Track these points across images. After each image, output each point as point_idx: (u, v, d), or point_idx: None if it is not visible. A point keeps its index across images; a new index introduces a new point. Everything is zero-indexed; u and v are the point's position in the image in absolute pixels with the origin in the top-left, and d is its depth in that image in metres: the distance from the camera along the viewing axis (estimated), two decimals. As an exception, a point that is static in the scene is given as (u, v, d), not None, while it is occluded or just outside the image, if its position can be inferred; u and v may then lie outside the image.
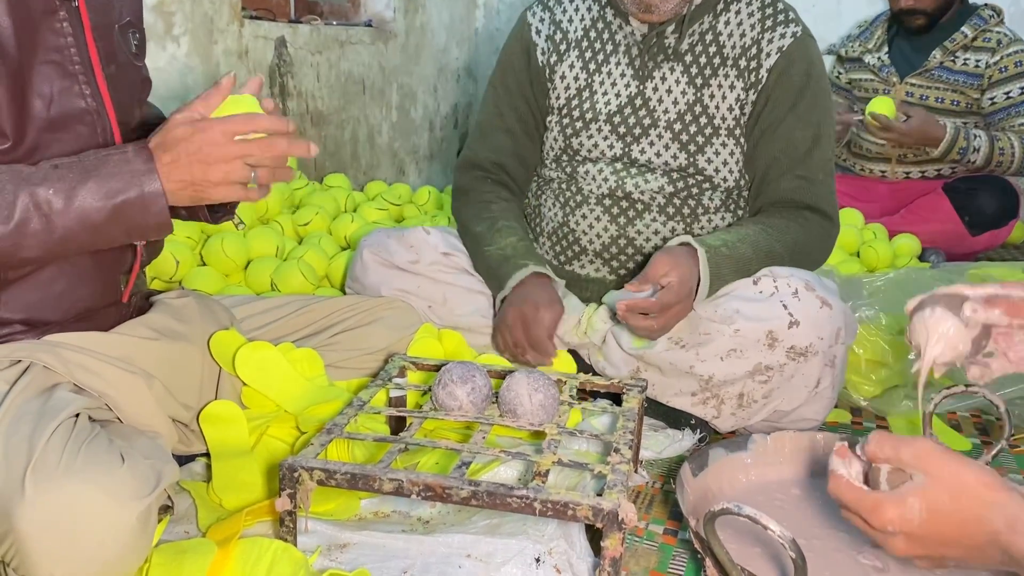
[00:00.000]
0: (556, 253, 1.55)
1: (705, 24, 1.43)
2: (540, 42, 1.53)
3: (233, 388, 1.23)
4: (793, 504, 1.09)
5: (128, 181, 0.94)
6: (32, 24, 0.97)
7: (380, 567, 0.97)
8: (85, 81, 1.01)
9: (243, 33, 2.45)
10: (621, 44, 1.47)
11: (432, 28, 3.39)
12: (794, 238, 1.40)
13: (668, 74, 1.44)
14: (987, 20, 2.68)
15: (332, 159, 2.88)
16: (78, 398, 0.95)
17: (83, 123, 1.01)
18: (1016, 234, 2.85)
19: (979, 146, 2.56)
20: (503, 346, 1.40)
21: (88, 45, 1.02)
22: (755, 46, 1.41)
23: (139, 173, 0.94)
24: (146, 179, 0.94)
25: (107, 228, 0.94)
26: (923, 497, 0.71)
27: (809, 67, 1.41)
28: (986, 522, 0.69)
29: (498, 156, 1.56)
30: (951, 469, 0.71)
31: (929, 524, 0.71)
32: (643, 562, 1.07)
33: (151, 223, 0.96)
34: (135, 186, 0.94)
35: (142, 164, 0.94)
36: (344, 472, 0.94)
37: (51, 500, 0.81)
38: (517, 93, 1.55)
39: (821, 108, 1.43)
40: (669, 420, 1.42)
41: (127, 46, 1.11)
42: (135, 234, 0.97)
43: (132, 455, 0.89)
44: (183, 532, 1.07)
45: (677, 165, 1.44)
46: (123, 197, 0.93)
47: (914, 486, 0.72)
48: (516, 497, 0.90)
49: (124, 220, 0.94)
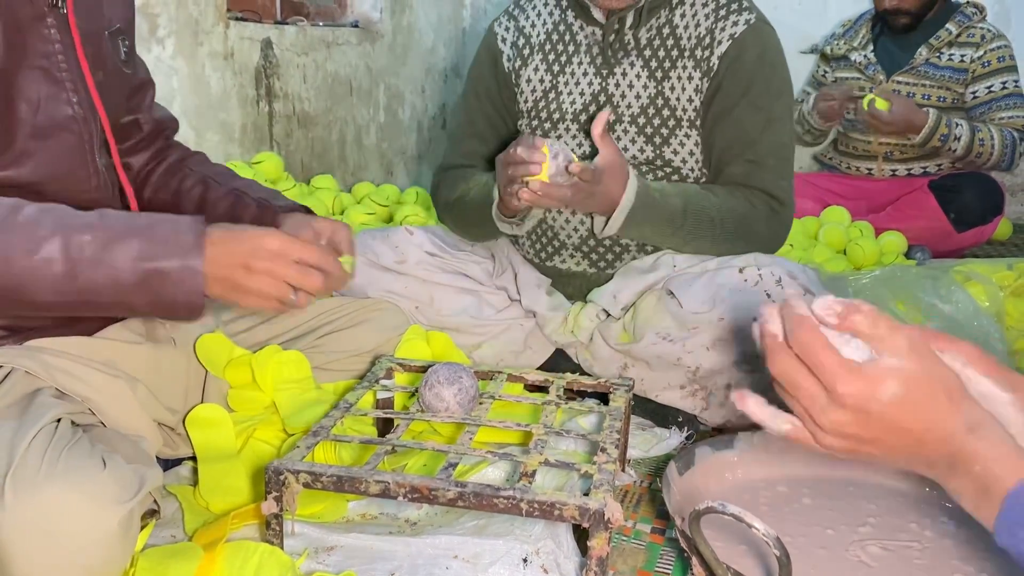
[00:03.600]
0: (537, 250, 1.56)
1: (662, 18, 1.45)
2: (506, 49, 1.56)
3: (219, 391, 1.23)
4: (779, 502, 1.10)
5: (171, 250, 0.90)
6: (19, 30, 0.96)
7: (367, 569, 0.97)
8: (72, 88, 1.01)
9: (228, 35, 2.44)
10: (583, 44, 1.49)
11: (419, 28, 3.39)
12: (733, 207, 1.40)
13: (628, 69, 1.45)
14: (971, 17, 2.70)
15: (319, 160, 2.87)
16: (60, 403, 0.94)
17: (69, 131, 1.00)
18: (1001, 230, 2.87)
19: (960, 135, 2.59)
20: (504, 181, 1.33)
21: (77, 52, 1.02)
22: (709, 35, 1.42)
23: (186, 246, 0.91)
24: (191, 253, 0.90)
25: (134, 292, 0.90)
26: (901, 381, 0.67)
27: (762, 53, 1.42)
28: (948, 422, 0.67)
29: (469, 161, 1.59)
30: (937, 366, 0.69)
31: (891, 409, 0.67)
32: (631, 561, 1.07)
33: (181, 299, 0.91)
34: (177, 256, 0.90)
35: (192, 238, 0.91)
36: (330, 474, 0.94)
37: (31, 505, 0.80)
38: (487, 100, 1.58)
39: (775, 93, 1.44)
40: (657, 419, 1.43)
41: (116, 53, 1.11)
42: (161, 307, 0.93)
43: (114, 459, 0.88)
44: (169, 536, 1.06)
45: (645, 158, 1.46)
46: (161, 264, 0.89)
47: (892, 367, 0.68)
48: (503, 498, 0.90)
49: (154, 288, 0.90)
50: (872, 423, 0.68)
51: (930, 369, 0.69)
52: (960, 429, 0.67)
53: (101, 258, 0.88)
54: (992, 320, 1.67)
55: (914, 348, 0.69)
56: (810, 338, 0.69)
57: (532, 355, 1.51)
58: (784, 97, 1.47)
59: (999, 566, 0.96)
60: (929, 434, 0.68)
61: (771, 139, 1.43)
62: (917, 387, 0.68)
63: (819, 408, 0.69)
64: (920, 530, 1.03)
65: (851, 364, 0.68)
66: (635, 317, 1.42)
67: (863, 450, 0.71)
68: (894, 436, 0.69)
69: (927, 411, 0.68)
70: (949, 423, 0.68)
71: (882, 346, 0.69)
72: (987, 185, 2.71)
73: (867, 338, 0.69)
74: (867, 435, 0.69)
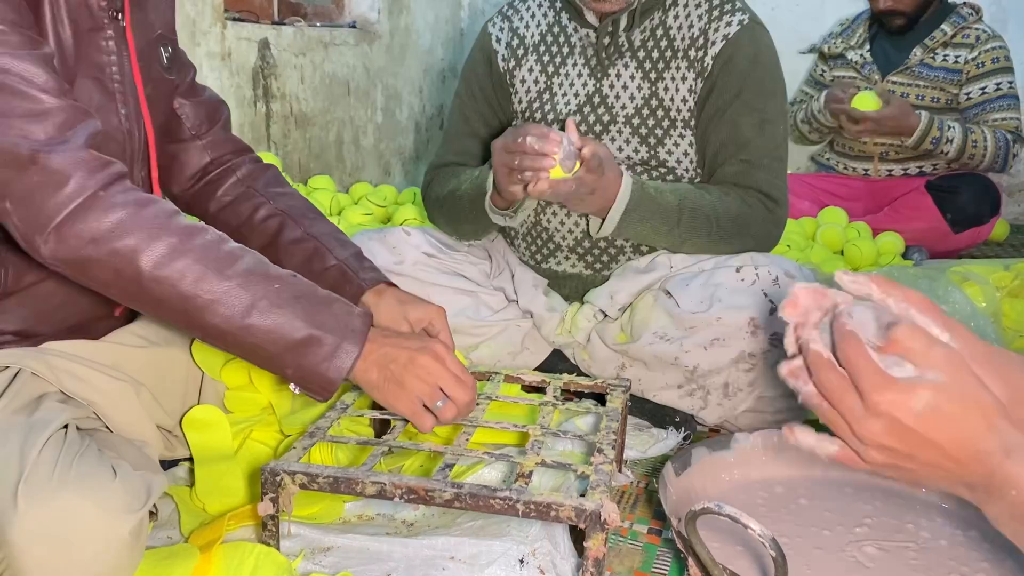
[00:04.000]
0: (532, 252, 1.56)
1: (656, 19, 1.45)
2: (500, 49, 1.56)
3: (216, 392, 1.23)
4: (776, 503, 1.10)
5: (337, 327, 0.95)
6: (79, 40, 0.97)
7: (363, 570, 0.97)
8: (123, 101, 1.02)
9: (226, 35, 2.44)
10: (577, 46, 1.49)
11: (417, 29, 3.39)
12: (728, 206, 1.40)
13: (623, 70, 1.46)
14: (966, 18, 2.71)
15: (317, 161, 2.87)
16: (67, 408, 0.94)
17: (114, 140, 1.01)
18: (997, 231, 2.87)
19: (952, 137, 2.59)
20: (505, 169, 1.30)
21: (132, 64, 1.03)
22: (702, 36, 1.43)
23: (350, 329, 0.96)
24: (352, 337, 0.96)
25: (288, 350, 0.95)
26: (935, 393, 0.67)
27: (756, 53, 1.43)
28: (982, 441, 0.67)
29: (463, 159, 1.59)
30: (972, 383, 0.69)
31: (925, 422, 0.67)
32: (627, 562, 1.07)
33: (324, 374, 0.96)
34: (339, 333, 0.95)
35: (359, 324, 0.97)
36: (326, 475, 0.94)
37: (44, 513, 0.80)
38: (482, 99, 1.58)
39: (768, 93, 1.44)
40: (654, 419, 1.43)
41: (160, 60, 1.11)
42: (300, 375, 0.97)
43: (123, 467, 0.88)
44: (166, 537, 1.06)
45: (640, 159, 1.46)
46: (324, 334, 0.95)
47: (927, 380, 0.68)
48: (499, 499, 0.90)
49: (304, 355, 0.95)
50: (906, 435, 0.69)
51: (965, 386, 0.69)
52: (996, 450, 0.67)
53: (278, 308, 0.93)
54: (989, 321, 1.67)
55: (951, 364, 0.69)
56: (855, 352, 0.70)
57: (529, 356, 1.51)
58: (777, 97, 1.47)
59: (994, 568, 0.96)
60: (962, 452, 0.68)
61: (765, 139, 1.43)
62: (949, 402, 0.68)
63: (857, 418, 0.70)
64: (916, 531, 1.04)
65: (886, 374, 0.69)
66: (632, 317, 1.42)
67: (903, 465, 0.71)
68: (927, 451, 0.69)
69: (959, 427, 0.68)
70: (984, 443, 0.67)
71: (918, 360, 0.70)
72: (984, 186, 2.71)
73: (904, 350, 0.70)
74: (903, 448, 0.69)
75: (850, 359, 0.70)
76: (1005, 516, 0.68)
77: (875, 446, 0.70)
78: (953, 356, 0.69)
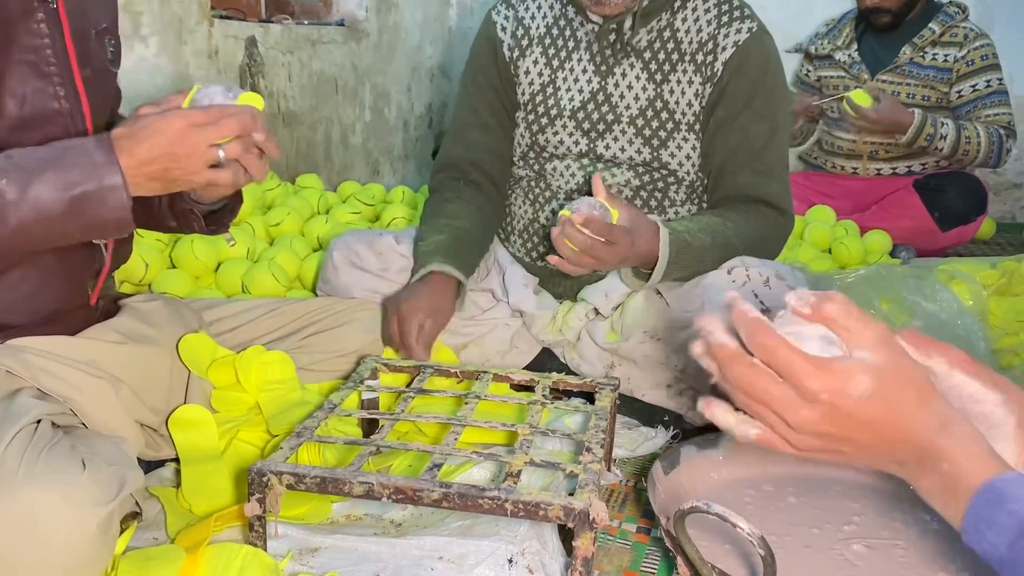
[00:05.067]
0: (528, 250, 1.55)
1: (663, 21, 1.45)
2: (506, 38, 1.55)
3: (202, 392, 1.22)
4: (764, 501, 1.10)
5: (87, 173, 0.90)
6: (8, 24, 0.95)
7: (351, 571, 0.97)
8: (60, 83, 1.00)
9: (213, 33, 2.42)
10: (583, 41, 1.48)
11: (405, 27, 3.38)
12: (750, 233, 1.41)
13: (628, 70, 1.45)
14: (953, 16, 2.72)
15: (304, 160, 2.86)
16: (40, 404, 0.93)
17: (55, 124, 1.00)
18: (984, 229, 2.89)
19: (946, 133, 2.61)
20: (384, 334, 1.37)
21: (67, 47, 1.01)
22: (711, 41, 1.42)
23: (99, 165, 0.91)
24: (106, 171, 0.91)
25: (64, 222, 0.91)
26: (871, 376, 0.66)
27: (765, 62, 1.43)
28: (917, 419, 0.67)
29: (473, 154, 1.56)
30: (906, 362, 0.68)
31: (863, 405, 0.66)
32: (616, 561, 1.07)
33: (109, 218, 0.92)
34: (94, 178, 0.90)
35: (102, 156, 0.91)
36: (314, 476, 0.93)
37: (9, 507, 0.80)
38: (488, 88, 1.56)
39: (777, 103, 1.45)
40: (643, 418, 1.43)
41: (103, 52, 1.10)
42: (93, 230, 0.94)
43: (94, 461, 0.87)
44: (152, 539, 1.05)
45: (641, 160, 1.46)
46: (81, 189, 0.90)
47: (862, 362, 0.67)
48: (487, 498, 0.90)
49: (82, 214, 0.91)
50: (843, 419, 0.67)
51: (899, 364, 0.68)
52: (929, 426, 0.67)
53: (25, 197, 0.88)
54: (976, 319, 1.68)
55: (883, 342, 0.68)
56: (771, 340, 0.68)
57: (518, 355, 1.51)
58: (785, 107, 1.48)
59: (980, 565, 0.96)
60: (898, 431, 0.67)
61: (776, 150, 1.45)
62: (886, 382, 0.67)
63: (791, 408, 0.68)
64: (904, 528, 1.04)
65: (819, 360, 0.67)
66: (623, 317, 1.42)
67: (836, 448, 0.70)
68: (865, 432, 0.68)
69: (897, 407, 0.67)
70: (918, 419, 0.67)
71: (851, 339, 0.68)
72: (971, 184, 2.72)
73: (838, 329, 0.69)
74: (839, 432, 0.68)
75: (770, 350, 0.68)
76: (936, 489, 0.67)
77: (810, 433, 0.68)
78: (884, 334, 0.68)
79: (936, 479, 0.67)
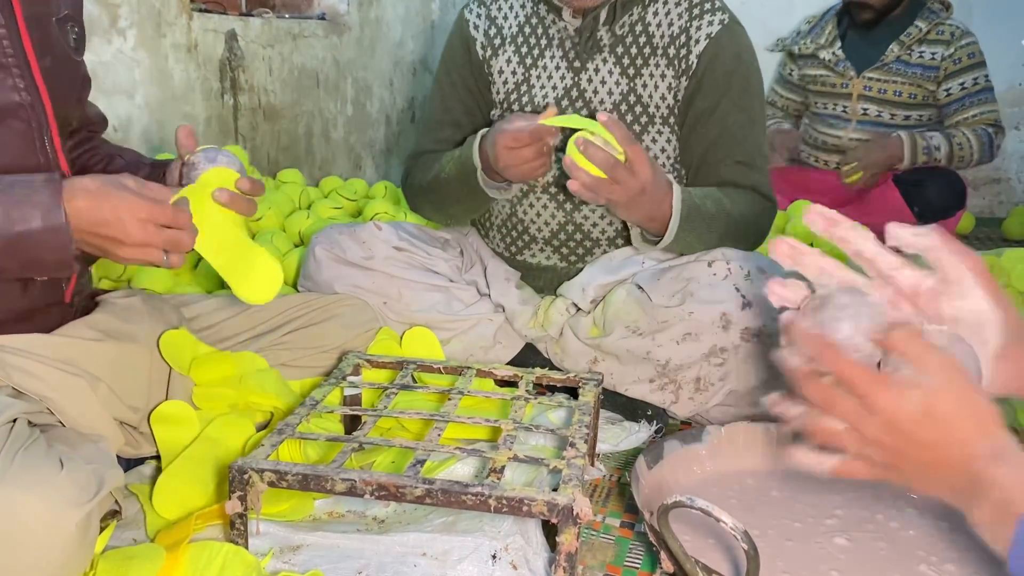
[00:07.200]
0: (507, 244, 1.55)
1: (635, 16, 1.45)
2: (479, 36, 1.55)
3: (184, 388, 1.20)
4: (748, 495, 1.10)
5: (31, 211, 0.88)
6: None
7: (334, 568, 0.96)
8: (19, 74, 0.98)
9: (192, 26, 2.40)
10: (555, 38, 1.48)
11: (387, 21, 3.36)
12: (744, 209, 1.42)
13: (601, 65, 1.45)
14: (938, 13, 2.74)
15: (285, 154, 2.84)
16: (16, 403, 0.92)
17: (17, 117, 0.98)
18: (963, 224, 2.91)
19: (938, 144, 2.66)
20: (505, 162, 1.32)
21: (22, 36, 0.99)
22: (684, 34, 1.42)
23: (44, 206, 0.89)
24: (52, 213, 0.89)
25: (2, 256, 0.89)
26: (928, 394, 0.70)
27: (739, 52, 1.44)
28: (972, 444, 0.69)
29: (444, 148, 1.56)
30: (968, 388, 0.71)
31: (918, 422, 0.70)
32: (600, 556, 1.07)
33: (49, 259, 0.90)
34: (37, 218, 0.88)
35: (48, 197, 0.89)
36: (295, 473, 0.93)
37: None
38: (462, 86, 1.56)
39: (753, 92, 1.45)
40: (626, 413, 1.43)
41: (65, 40, 1.08)
42: (32, 268, 0.92)
43: (72, 460, 0.86)
44: (131, 539, 1.04)
45: None
46: (24, 227, 0.88)
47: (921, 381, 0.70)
48: (471, 494, 0.89)
49: (22, 250, 0.89)
50: (899, 434, 0.71)
51: (961, 391, 0.70)
52: (983, 453, 0.68)
53: None
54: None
55: (945, 369, 0.71)
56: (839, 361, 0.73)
57: (502, 350, 1.50)
58: (761, 96, 1.49)
59: (962, 558, 0.97)
60: (952, 455, 0.69)
61: (755, 139, 1.45)
62: (941, 403, 0.70)
63: (858, 418, 0.72)
64: (886, 521, 1.05)
65: (879, 374, 0.72)
66: (605, 311, 1.42)
67: (898, 465, 0.73)
68: (923, 452, 0.70)
69: (950, 429, 0.69)
70: (972, 446, 0.69)
71: (915, 364, 0.71)
72: (950, 179, 2.75)
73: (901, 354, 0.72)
74: (898, 444, 0.71)
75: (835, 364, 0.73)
76: (987, 518, 0.68)
77: (875, 443, 0.72)
78: (949, 362, 0.71)
79: (987, 508, 0.68)
